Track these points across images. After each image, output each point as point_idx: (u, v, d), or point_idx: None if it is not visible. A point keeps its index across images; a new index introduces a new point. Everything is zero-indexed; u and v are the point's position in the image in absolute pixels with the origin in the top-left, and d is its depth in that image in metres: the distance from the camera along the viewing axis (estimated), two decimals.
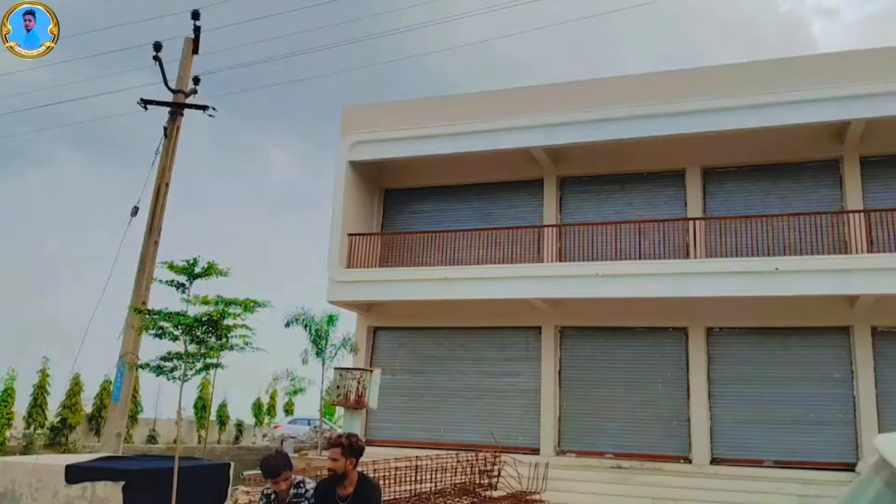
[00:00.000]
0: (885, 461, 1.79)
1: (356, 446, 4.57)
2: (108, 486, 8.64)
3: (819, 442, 12.18)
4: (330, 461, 4.54)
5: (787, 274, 11.73)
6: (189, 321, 9.30)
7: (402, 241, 15.47)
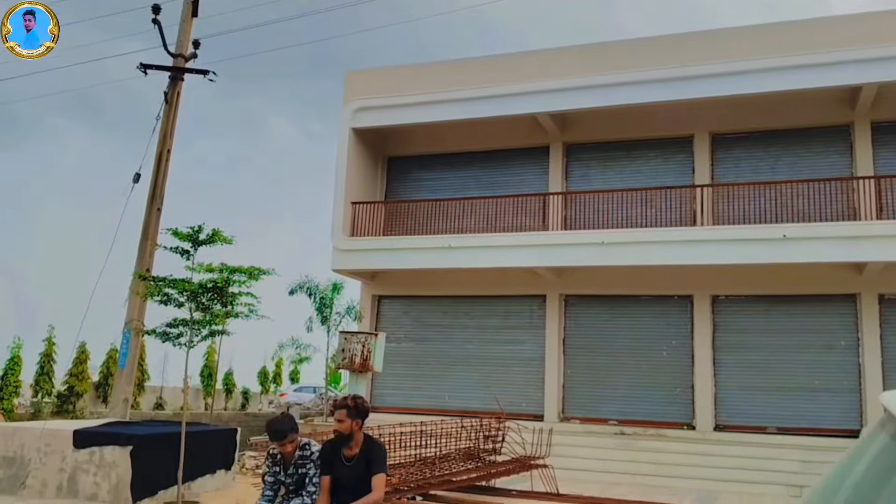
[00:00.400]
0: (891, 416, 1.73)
1: (361, 408, 4.58)
2: (116, 451, 8.72)
3: (823, 409, 12.22)
4: (336, 422, 4.54)
5: (794, 241, 11.63)
6: (194, 288, 9.28)
7: (405, 209, 15.37)
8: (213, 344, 23.60)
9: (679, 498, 10.24)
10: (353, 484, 4.45)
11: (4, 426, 10.49)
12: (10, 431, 9.48)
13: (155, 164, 13.09)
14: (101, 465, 8.73)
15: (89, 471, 8.76)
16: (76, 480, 8.79)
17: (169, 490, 8.85)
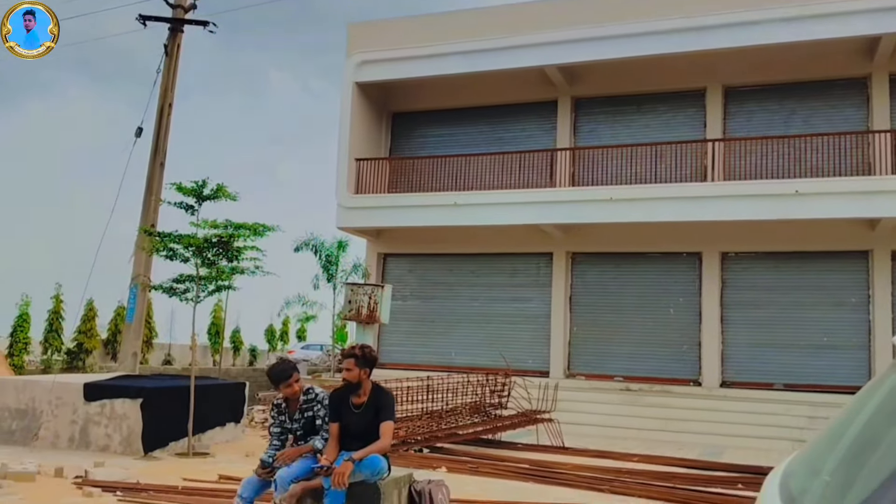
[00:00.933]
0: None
1: (369, 357, 4.58)
2: (127, 403, 8.81)
3: (831, 366, 12.19)
4: (344, 371, 4.53)
5: (807, 196, 11.45)
6: (199, 243, 9.25)
7: (410, 165, 15.19)
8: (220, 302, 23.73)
9: (684, 452, 10.33)
10: (362, 431, 4.46)
11: (16, 379, 10.60)
12: (22, 385, 9.58)
13: (157, 118, 12.93)
14: (112, 418, 8.83)
15: (100, 423, 8.86)
16: (88, 432, 8.90)
17: (179, 442, 8.96)
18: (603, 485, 7.51)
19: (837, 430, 1.88)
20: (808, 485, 1.77)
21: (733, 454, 10.17)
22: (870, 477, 1.47)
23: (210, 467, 7.87)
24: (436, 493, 4.81)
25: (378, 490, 4.38)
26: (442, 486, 4.96)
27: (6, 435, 9.19)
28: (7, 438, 9.15)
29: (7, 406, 9.33)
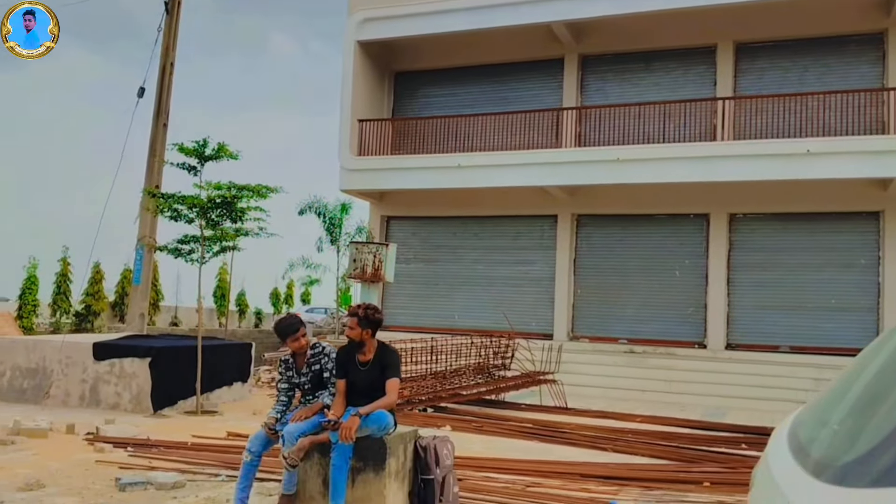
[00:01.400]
0: None
1: (372, 318, 4.55)
2: (136, 363, 8.90)
3: (839, 328, 12.15)
4: (347, 329, 4.54)
5: (818, 156, 11.27)
6: (203, 203, 9.26)
7: (414, 126, 15.01)
8: (225, 265, 23.84)
9: (687, 413, 10.41)
10: (368, 388, 4.48)
11: (26, 339, 10.72)
12: (32, 344, 9.69)
13: (158, 78, 12.80)
14: (122, 376, 8.93)
15: (110, 381, 8.98)
16: (98, 391, 9.03)
17: (188, 400, 9.08)
18: (606, 444, 7.59)
19: (846, 383, 1.88)
20: (816, 434, 1.78)
21: (737, 416, 10.24)
22: (878, 427, 1.48)
23: (218, 425, 7.98)
24: (440, 448, 4.85)
25: (384, 445, 4.41)
26: (447, 442, 5.00)
27: (18, 393, 9.33)
28: (19, 397, 9.29)
29: (18, 365, 9.45)
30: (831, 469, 1.49)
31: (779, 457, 1.83)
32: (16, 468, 5.54)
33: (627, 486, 5.70)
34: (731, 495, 5.42)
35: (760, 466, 2.02)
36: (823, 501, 1.41)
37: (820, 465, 1.55)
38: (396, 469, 4.51)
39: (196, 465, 5.89)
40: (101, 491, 5.00)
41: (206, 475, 5.59)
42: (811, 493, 1.49)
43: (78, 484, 5.18)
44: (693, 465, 6.65)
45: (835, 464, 1.51)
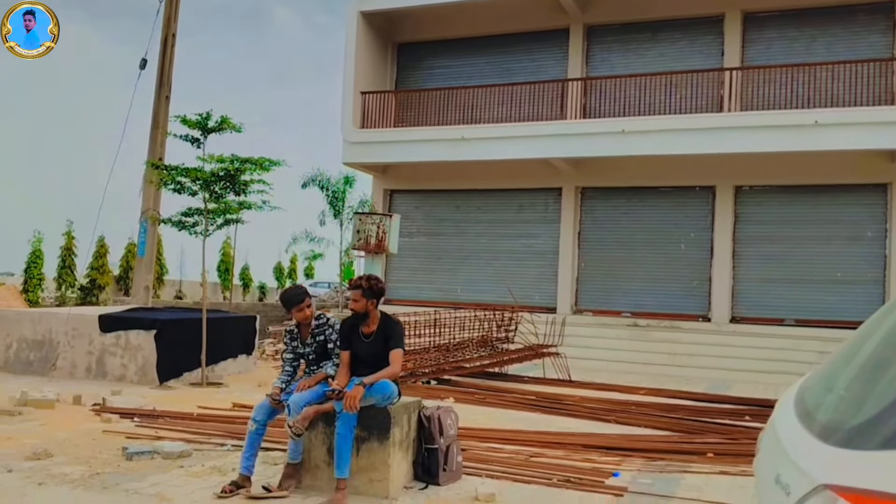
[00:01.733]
0: None
1: (375, 288, 4.55)
2: (141, 335, 8.94)
3: (844, 301, 12.10)
4: (351, 302, 4.52)
5: (826, 127, 11.13)
6: (206, 176, 9.24)
7: (417, 98, 14.86)
8: (229, 239, 23.87)
9: (691, 386, 10.43)
10: (372, 359, 4.49)
11: (32, 311, 10.78)
12: (38, 316, 9.73)
13: (160, 49, 12.67)
14: (127, 348, 8.98)
15: (116, 353, 9.03)
16: (104, 362, 9.08)
17: (193, 372, 9.13)
18: (608, 415, 7.62)
19: (852, 350, 1.89)
20: (822, 399, 1.79)
21: (741, 388, 10.23)
22: (885, 391, 1.50)
23: (224, 396, 8.03)
24: (444, 418, 4.87)
25: (388, 414, 4.43)
26: (450, 413, 5.02)
27: (24, 365, 9.40)
28: (25, 368, 9.36)
29: (24, 337, 9.51)
30: (839, 432, 1.50)
31: (785, 422, 1.84)
32: (23, 438, 5.59)
33: (630, 457, 5.73)
34: (735, 465, 5.44)
35: (767, 431, 2.02)
36: (831, 464, 1.42)
37: (827, 429, 1.56)
38: (400, 438, 4.53)
39: (202, 435, 5.93)
40: (109, 460, 5.04)
41: (212, 445, 5.63)
42: (818, 455, 1.50)
43: (85, 453, 5.22)
44: (696, 437, 6.67)
45: (842, 427, 1.52)
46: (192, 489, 4.40)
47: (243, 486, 4.31)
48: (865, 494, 1.26)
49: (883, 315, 1.91)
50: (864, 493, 1.27)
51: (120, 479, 4.57)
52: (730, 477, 5.14)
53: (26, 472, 4.63)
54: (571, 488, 4.68)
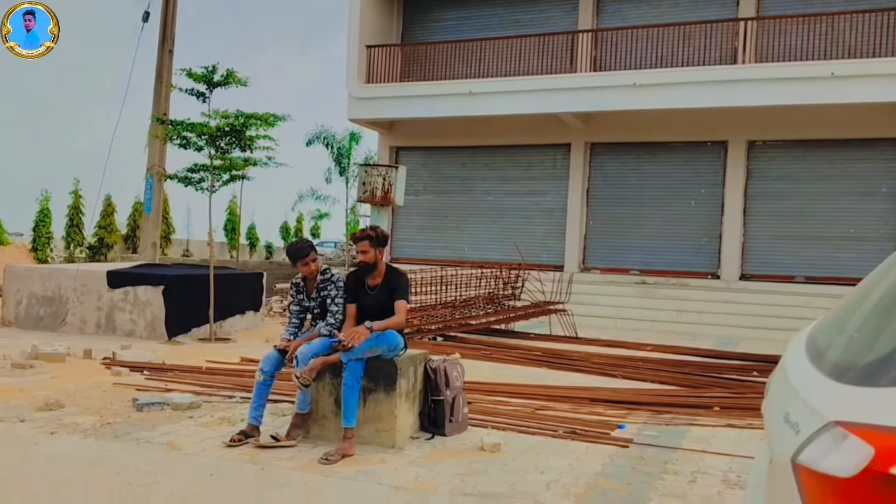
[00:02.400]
0: None
1: (381, 236, 4.54)
2: (149, 290, 8.98)
3: (856, 258, 11.94)
4: (360, 255, 4.47)
5: (842, 79, 10.83)
6: (211, 131, 9.18)
7: (423, 52, 14.55)
8: (235, 199, 23.83)
9: (699, 343, 10.42)
10: (377, 311, 4.47)
11: (41, 267, 10.85)
12: (47, 272, 9.79)
13: (163, 2, 12.41)
14: (136, 304, 9.03)
15: (125, 309, 9.09)
16: (113, 318, 9.15)
17: (201, 328, 9.19)
18: (615, 370, 7.63)
19: (863, 293, 1.86)
20: (834, 340, 1.77)
21: (749, 345, 10.22)
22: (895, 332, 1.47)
23: (232, 351, 8.10)
24: (451, 370, 4.87)
25: (395, 366, 4.43)
26: (456, 365, 5.02)
27: (35, 321, 9.49)
28: (36, 324, 9.46)
29: (34, 293, 9.57)
30: (850, 371, 1.48)
31: (795, 363, 1.81)
32: (35, 390, 5.65)
33: (636, 410, 5.74)
34: (742, 419, 5.45)
35: (776, 373, 1.99)
36: (841, 401, 1.40)
37: (839, 368, 1.53)
38: (407, 390, 4.54)
39: (211, 388, 5.99)
40: (119, 411, 5.10)
41: (221, 397, 5.68)
42: (829, 393, 1.47)
43: (96, 404, 5.28)
44: (703, 391, 6.68)
45: (854, 366, 1.50)
46: (201, 438, 4.45)
47: (252, 435, 4.35)
48: (876, 430, 1.24)
49: (895, 259, 1.87)
50: (875, 428, 1.24)
51: (131, 428, 4.62)
52: (736, 430, 5.15)
53: (38, 422, 4.69)
54: (577, 440, 4.70)
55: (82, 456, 4.01)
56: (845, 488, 1.25)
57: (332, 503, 3.40)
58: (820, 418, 1.37)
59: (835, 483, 1.26)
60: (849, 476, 1.24)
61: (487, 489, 3.66)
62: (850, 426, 1.28)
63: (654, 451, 4.50)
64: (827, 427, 1.33)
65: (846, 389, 1.42)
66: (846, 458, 1.25)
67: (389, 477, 3.81)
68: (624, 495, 3.63)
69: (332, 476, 3.81)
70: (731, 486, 3.85)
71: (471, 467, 4.02)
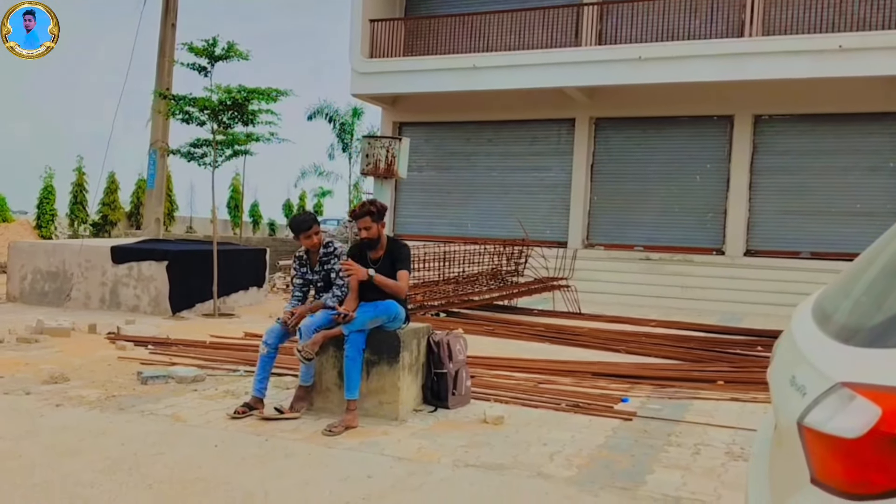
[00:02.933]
0: None
1: (381, 209, 4.55)
2: (153, 266, 9.00)
3: (863, 234, 11.78)
4: (363, 231, 4.44)
5: (851, 52, 10.65)
6: (214, 105, 9.16)
7: (426, 26, 14.37)
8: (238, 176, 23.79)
9: (703, 319, 10.41)
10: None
11: (45, 243, 10.87)
12: (51, 248, 9.81)
13: None
14: (140, 279, 9.05)
15: (129, 284, 9.11)
16: (117, 293, 9.18)
17: (205, 303, 9.22)
18: (618, 345, 7.64)
19: (869, 259, 1.85)
20: (841, 304, 1.75)
21: (754, 321, 10.18)
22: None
23: (235, 326, 8.12)
24: (454, 343, 4.87)
25: (397, 338, 4.43)
26: (459, 339, 5.02)
27: (40, 296, 9.53)
28: (41, 299, 9.49)
29: (39, 269, 9.59)
30: (857, 333, 1.47)
31: (802, 327, 1.80)
32: (40, 364, 5.68)
33: (640, 384, 5.75)
34: (746, 393, 5.45)
35: (782, 339, 1.98)
36: (848, 362, 1.38)
37: (847, 330, 1.52)
38: (410, 362, 4.54)
39: (215, 362, 6.02)
40: (124, 384, 5.12)
41: (225, 371, 5.71)
42: (835, 355, 1.46)
43: (101, 378, 5.31)
44: (707, 365, 6.68)
45: (861, 328, 1.49)
46: (205, 410, 4.47)
47: (256, 407, 4.37)
48: (883, 390, 1.23)
49: None
50: (882, 388, 1.23)
51: (135, 401, 4.64)
52: (741, 403, 5.15)
53: (44, 394, 4.72)
54: (580, 413, 4.71)
55: (88, 427, 4.03)
56: (852, 449, 1.23)
57: (336, 473, 3.42)
58: (827, 380, 1.35)
59: (841, 444, 1.25)
60: (855, 437, 1.22)
61: (490, 460, 3.67)
62: (858, 387, 1.26)
63: (658, 423, 4.51)
64: (834, 388, 1.31)
65: (853, 351, 1.41)
66: (853, 419, 1.23)
67: (392, 448, 3.83)
68: (627, 467, 3.65)
69: (335, 447, 3.83)
70: (734, 457, 3.86)
71: (474, 439, 4.03)
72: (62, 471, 3.30)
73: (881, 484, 1.20)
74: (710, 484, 3.43)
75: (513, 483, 3.36)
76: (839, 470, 1.27)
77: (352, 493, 3.14)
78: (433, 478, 3.39)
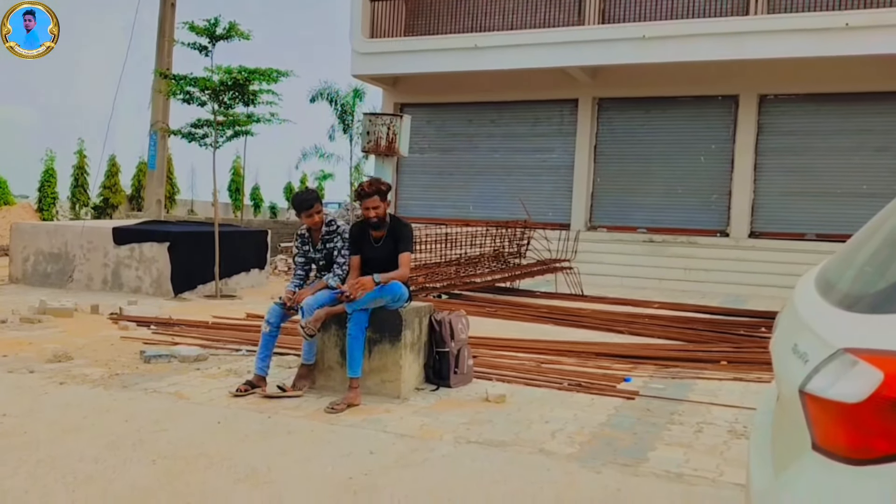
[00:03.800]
0: None
1: (386, 188, 4.52)
2: (155, 247, 9.00)
3: (868, 215, 11.48)
4: (371, 211, 4.39)
5: (857, 30, 10.51)
6: (214, 85, 9.12)
7: (428, 5, 14.21)
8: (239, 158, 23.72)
9: (707, 301, 10.38)
10: (382, 262, 4.45)
11: (47, 224, 10.88)
12: (53, 229, 9.81)
13: None
14: (142, 261, 9.06)
15: (131, 266, 9.12)
16: (119, 275, 9.19)
17: (207, 285, 9.23)
18: (621, 327, 7.63)
19: (872, 230, 1.86)
20: (843, 273, 1.75)
21: (758, 303, 10.15)
22: None
23: (237, 307, 8.14)
24: (455, 323, 4.87)
25: (400, 317, 4.43)
26: (461, 318, 5.02)
27: (42, 277, 9.55)
28: (43, 281, 9.51)
29: (41, 250, 9.60)
30: (860, 300, 1.47)
31: (804, 297, 1.79)
32: (44, 343, 5.70)
33: (643, 364, 5.76)
34: (749, 373, 5.45)
35: (785, 310, 1.97)
36: (850, 329, 1.38)
37: (849, 298, 1.52)
38: (412, 341, 4.54)
39: (217, 342, 6.03)
40: (127, 363, 5.14)
41: (227, 350, 5.72)
42: (838, 322, 1.45)
43: (104, 357, 5.33)
44: (710, 346, 6.68)
45: (866, 295, 1.49)
46: (208, 388, 4.49)
47: (258, 385, 4.39)
48: (885, 355, 1.22)
49: None
50: (884, 353, 1.23)
51: (139, 379, 4.66)
52: (744, 383, 5.15)
53: (48, 373, 4.74)
54: (582, 392, 4.71)
55: (91, 405, 4.05)
56: (853, 414, 1.23)
57: (338, 449, 3.43)
58: (829, 347, 1.35)
59: (843, 409, 1.25)
60: (857, 402, 1.22)
61: (492, 437, 3.68)
62: (860, 352, 1.26)
63: (660, 402, 4.51)
64: (836, 354, 1.30)
65: (856, 318, 1.41)
66: (855, 384, 1.23)
67: (395, 425, 3.84)
68: (629, 444, 3.65)
69: (337, 424, 3.84)
70: (737, 436, 3.86)
71: (476, 417, 4.04)
72: (66, 446, 3.32)
73: (882, 449, 1.20)
74: (712, 461, 3.43)
75: (515, 459, 3.37)
76: (841, 435, 1.27)
77: (354, 469, 3.15)
78: (435, 454, 3.40)
